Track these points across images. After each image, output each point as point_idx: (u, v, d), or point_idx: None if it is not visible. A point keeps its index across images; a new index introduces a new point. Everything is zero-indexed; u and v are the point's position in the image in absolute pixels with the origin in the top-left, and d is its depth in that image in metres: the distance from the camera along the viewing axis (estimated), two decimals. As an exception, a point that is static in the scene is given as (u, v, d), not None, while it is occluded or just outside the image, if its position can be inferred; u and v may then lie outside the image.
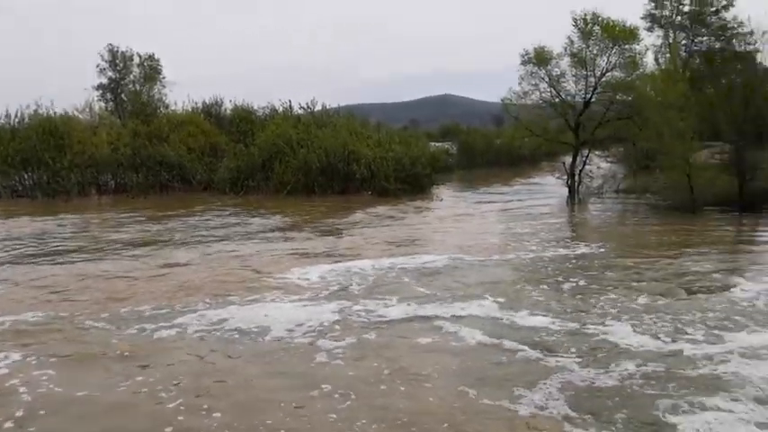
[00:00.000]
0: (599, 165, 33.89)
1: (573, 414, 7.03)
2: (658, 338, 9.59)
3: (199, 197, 31.37)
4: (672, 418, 6.83)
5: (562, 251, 17.24)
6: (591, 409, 7.11)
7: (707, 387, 7.64)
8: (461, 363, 8.70)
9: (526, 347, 9.22)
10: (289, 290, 12.79)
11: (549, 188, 33.54)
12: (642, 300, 11.82)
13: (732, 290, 12.53)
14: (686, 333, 9.85)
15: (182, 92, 71.53)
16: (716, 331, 9.90)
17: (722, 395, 7.37)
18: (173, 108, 42.97)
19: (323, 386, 7.79)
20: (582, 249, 17.64)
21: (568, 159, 31.94)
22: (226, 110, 41.45)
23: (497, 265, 15.50)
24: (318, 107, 39.93)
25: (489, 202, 30.20)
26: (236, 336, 9.91)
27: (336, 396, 7.50)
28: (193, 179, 33.81)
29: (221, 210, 26.89)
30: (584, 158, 31.71)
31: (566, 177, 31.30)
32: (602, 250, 17.60)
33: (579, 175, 31.16)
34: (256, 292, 12.55)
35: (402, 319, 10.83)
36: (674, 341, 9.46)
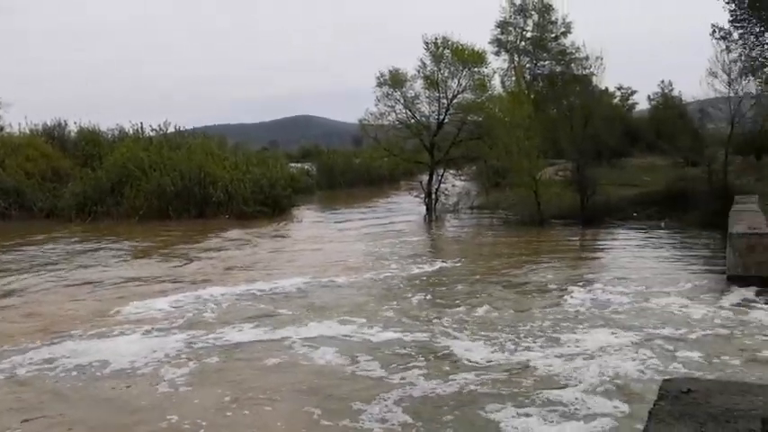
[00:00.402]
0: (454, 183, 35.04)
1: (411, 421, 7.20)
2: (498, 347, 10.03)
3: (41, 225, 29.26)
4: (496, 416, 7.24)
5: (419, 268, 17.58)
6: (428, 416, 7.34)
7: (536, 388, 8.11)
8: (310, 382, 8.61)
9: (375, 363, 9.27)
10: (134, 321, 12.14)
11: (407, 206, 34.27)
12: (487, 311, 12.32)
13: (565, 297, 13.43)
14: (523, 341, 10.37)
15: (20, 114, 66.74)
16: (549, 336, 10.55)
17: (548, 393, 7.87)
18: (8, 131, 39.84)
19: (169, 417, 7.44)
20: (438, 265, 18.08)
21: (425, 178, 32.80)
22: (70, 132, 39.12)
23: (354, 285, 15.52)
24: (171, 129, 38.63)
25: (348, 221, 30.40)
26: (74, 373, 9.23)
27: (186, 427, 7.19)
28: (34, 206, 31.56)
29: (67, 238, 25.22)
30: (439, 177, 32.68)
31: (423, 196, 32.12)
32: (457, 265, 18.14)
33: (435, 193, 32.06)
34: (100, 326, 11.79)
35: (252, 342, 10.58)
36: (511, 349, 9.92)
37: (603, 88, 49.79)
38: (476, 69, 31.16)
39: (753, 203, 19.72)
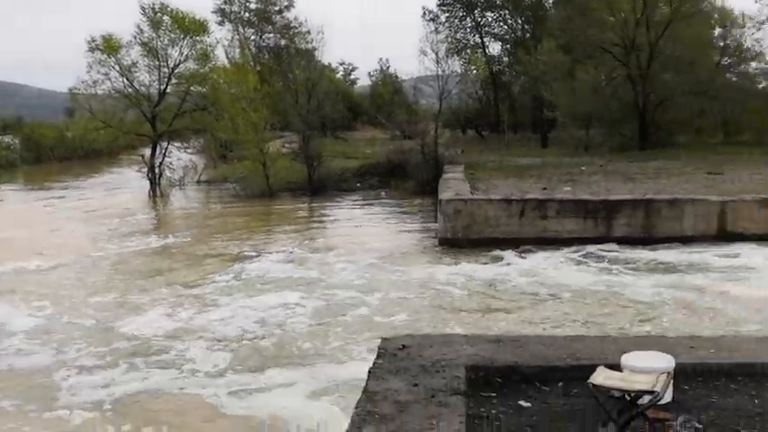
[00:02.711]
0: (179, 156, 33.67)
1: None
2: (174, 318, 10.92)
3: None
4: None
5: (143, 244, 16.66)
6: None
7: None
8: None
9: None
10: None
11: (130, 182, 32.13)
12: (179, 287, 12.76)
13: (249, 262, 14.58)
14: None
15: None
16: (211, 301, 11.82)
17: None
18: None
19: None
20: (164, 241, 17.28)
21: (148, 152, 31.04)
22: None
23: (59, 268, 14.30)
24: None
25: (61, 199, 27.64)
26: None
27: None
28: None
29: None
30: (163, 150, 31.11)
31: (146, 170, 30.33)
32: (185, 240, 17.51)
33: (160, 167, 30.48)
34: None
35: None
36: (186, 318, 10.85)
37: (327, 63, 51.58)
38: (198, 38, 30.02)
39: (459, 172, 21.73)
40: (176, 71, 30.17)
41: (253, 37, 45.40)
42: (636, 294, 11.40)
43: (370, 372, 5.23)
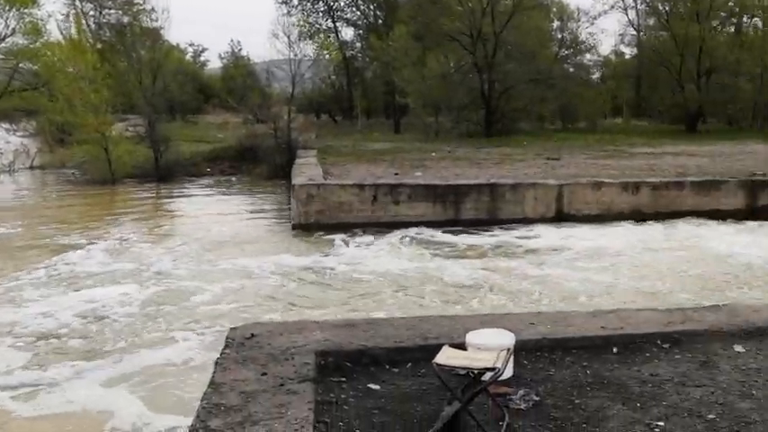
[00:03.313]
0: (7, 140, 30.97)
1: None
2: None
3: None
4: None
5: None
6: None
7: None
8: None
9: None
10: None
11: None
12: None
13: (79, 252, 13.70)
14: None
15: None
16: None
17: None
18: None
19: None
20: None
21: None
22: None
23: None
24: None
25: None
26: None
27: None
28: None
29: None
30: (-10, 133, 28.54)
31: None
32: (12, 231, 16.13)
33: (-15, 151, 27.90)
34: None
35: None
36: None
37: (176, 44, 49.38)
38: (26, 11, 27.61)
39: (312, 157, 21.61)
40: (2, 45, 27.62)
41: (92, 12, 42.53)
42: (453, 276, 11.67)
43: (216, 363, 5.04)
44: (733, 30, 44.66)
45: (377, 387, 4.79)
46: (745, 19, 45.52)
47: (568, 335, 5.43)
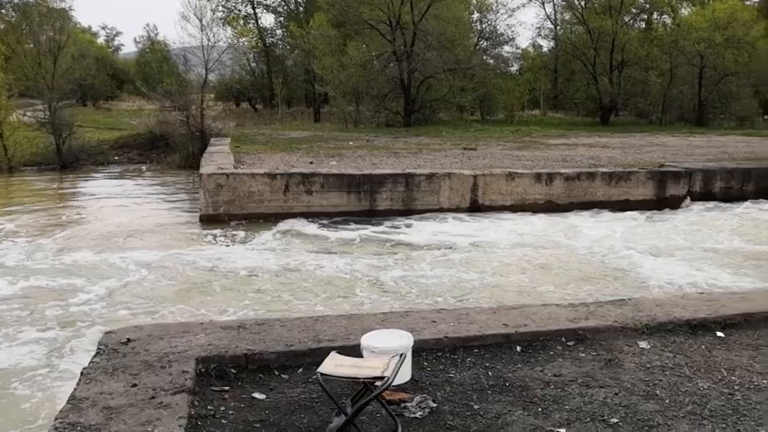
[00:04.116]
0: None
1: None
2: None
3: None
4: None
5: None
6: None
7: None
8: None
9: None
10: None
11: None
12: None
13: None
14: None
15: None
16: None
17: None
18: None
19: None
20: None
21: None
22: None
23: None
24: None
25: None
26: None
27: None
28: None
29: None
30: None
31: None
32: None
33: None
34: None
35: None
36: None
37: (88, 26, 47.11)
38: None
39: (225, 146, 20.83)
40: None
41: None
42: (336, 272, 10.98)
43: (82, 373, 4.49)
44: (644, 25, 46.13)
45: (262, 396, 4.37)
46: (655, 15, 47.17)
47: (471, 333, 5.15)
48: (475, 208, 15.79)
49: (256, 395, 4.38)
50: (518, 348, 5.08)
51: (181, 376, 4.39)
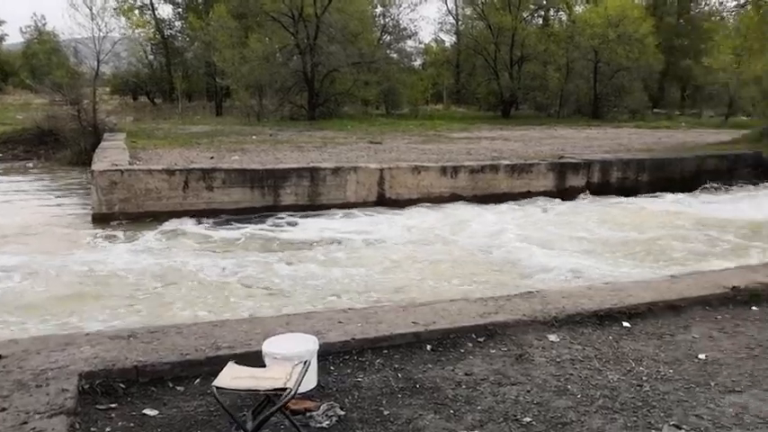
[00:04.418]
0: None
1: None
2: None
3: None
4: None
5: None
6: None
7: None
8: None
9: None
10: None
11: None
12: None
13: None
14: None
15: None
16: None
17: None
18: None
19: None
20: None
21: None
22: None
23: None
24: None
25: None
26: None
27: None
28: None
29: None
30: None
31: None
32: None
33: None
34: None
35: None
36: None
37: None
38: None
39: (119, 141, 19.81)
40: None
41: None
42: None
43: None
44: (541, 21, 47.52)
45: (154, 413, 4.00)
46: (551, 12, 48.68)
47: (379, 333, 4.94)
48: (382, 201, 15.65)
49: (147, 411, 4.01)
50: (428, 347, 4.91)
51: (60, 395, 3.96)
